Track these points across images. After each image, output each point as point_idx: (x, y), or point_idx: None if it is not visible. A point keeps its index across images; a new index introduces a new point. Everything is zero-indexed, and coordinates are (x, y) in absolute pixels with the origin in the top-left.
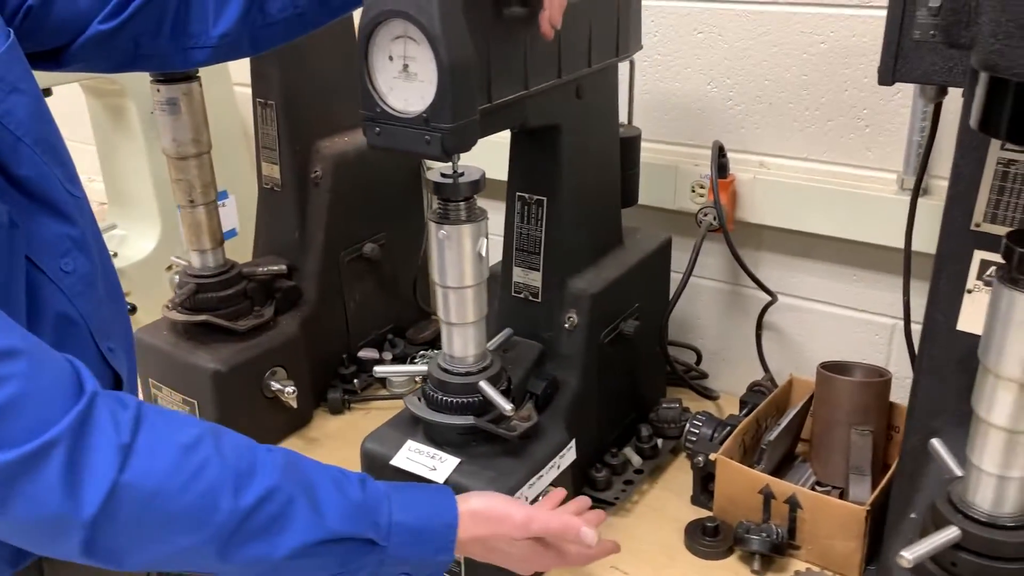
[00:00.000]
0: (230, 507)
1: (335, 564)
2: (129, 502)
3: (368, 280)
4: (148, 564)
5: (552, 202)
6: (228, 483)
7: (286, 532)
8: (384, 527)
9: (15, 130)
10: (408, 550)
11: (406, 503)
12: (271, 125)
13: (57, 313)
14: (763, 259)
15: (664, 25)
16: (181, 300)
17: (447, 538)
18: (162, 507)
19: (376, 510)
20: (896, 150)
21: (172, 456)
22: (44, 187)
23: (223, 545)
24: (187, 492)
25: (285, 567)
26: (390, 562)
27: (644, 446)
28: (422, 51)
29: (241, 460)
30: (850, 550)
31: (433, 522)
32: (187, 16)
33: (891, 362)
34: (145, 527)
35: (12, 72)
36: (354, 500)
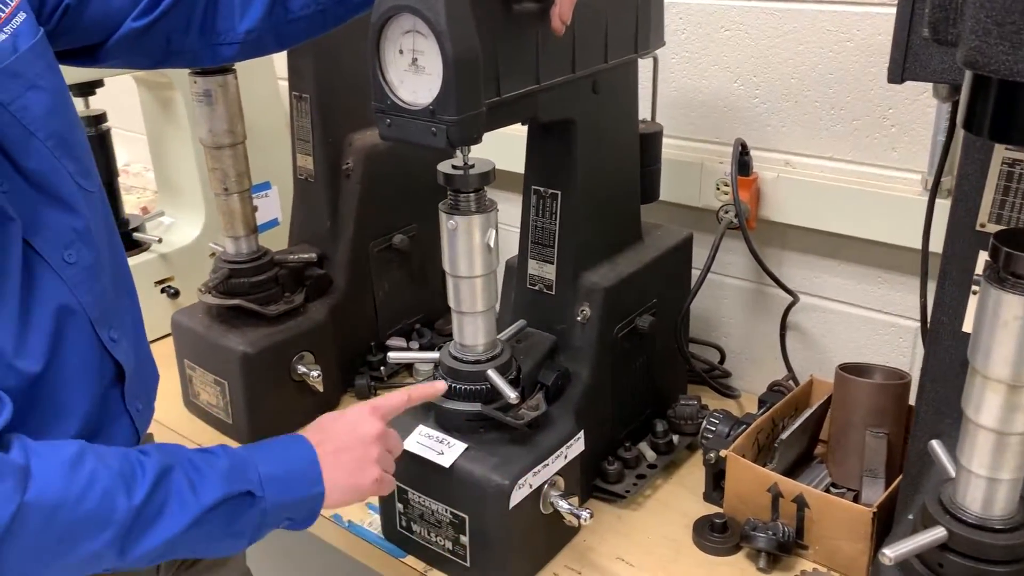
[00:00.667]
0: (126, 505)
1: (223, 526)
2: (34, 520)
3: (397, 270)
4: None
5: (567, 196)
6: (120, 485)
7: (175, 513)
8: (256, 480)
9: (28, 125)
10: (284, 494)
11: (267, 456)
12: (305, 118)
13: (58, 303)
14: (787, 258)
15: (691, 22)
16: (215, 284)
17: (313, 471)
18: (65, 518)
19: (244, 468)
20: (921, 150)
21: (63, 472)
22: (52, 180)
23: (123, 542)
24: (85, 500)
25: (180, 544)
26: (271, 511)
27: (659, 441)
28: (429, 45)
29: (124, 463)
30: (857, 552)
31: (297, 463)
32: (215, 13)
33: (915, 365)
34: (51, 541)
35: (32, 69)
36: (224, 466)
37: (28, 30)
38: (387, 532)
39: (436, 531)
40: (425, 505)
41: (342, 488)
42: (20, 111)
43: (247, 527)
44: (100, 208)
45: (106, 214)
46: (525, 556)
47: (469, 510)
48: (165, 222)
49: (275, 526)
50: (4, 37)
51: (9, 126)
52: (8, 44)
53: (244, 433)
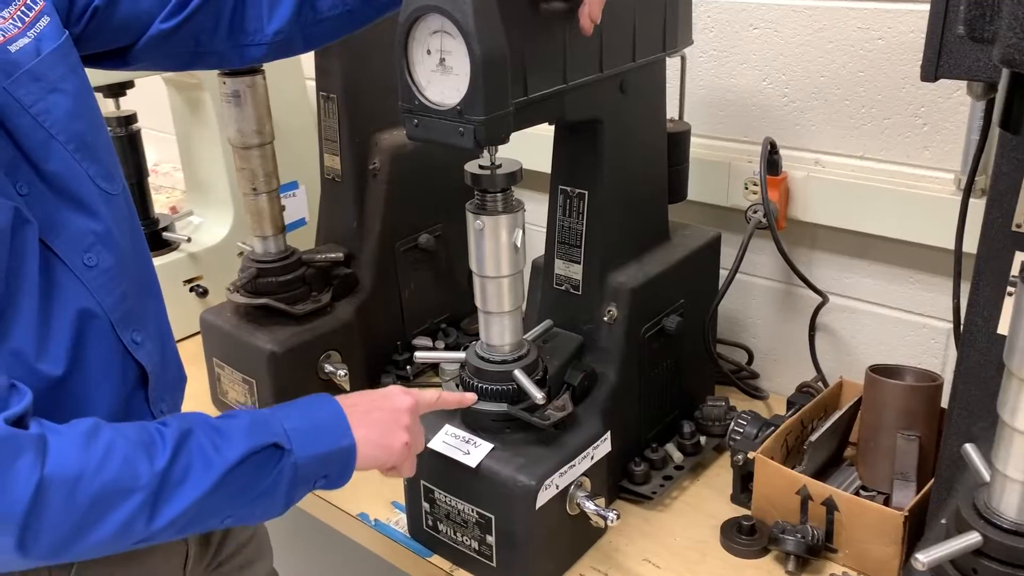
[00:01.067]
0: (149, 471)
1: (253, 483)
2: (57, 493)
3: (423, 270)
4: (90, 551)
5: (593, 195)
6: (139, 452)
7: (200, 473)
8: (281, 433)
9: (49, 128)
10: (313, 447)
11: (290, 412)
12: (333, 118)
13: (79, 306)
14: (817, 258)
15: (719, 21)
16: (243, 283)
17: (341, 424)
18: (87, 489)
19: (268, 423)
20: (954, 149)
21: (80, 444)
22: (72, 183)
23: (151, 508)
24: (106, 469)
25: (210, 507)
26: (303, 464)
27: (686, 443)
28: (457, 45)
29: (142, 433)
30: (888, 556)
31: (322, 417)
32: (243, 14)
33: (947, 367)
34: (78, 513)
35: (55, 71)
36: (245, 423)
37: (52, 33)
38: (413, 531)
39: (462, 531)
40: (451, 505)
41: (373, 443)
42: (41, 114)
43: (279, 483)
44: (123, 210)
45: (130, 216)
46: (551, 557)
47: (495, 510)
48: (194, 222)
49: (311, 484)
50: (28, 41)
51: (30, 129)
52: (31, 47)
53: None
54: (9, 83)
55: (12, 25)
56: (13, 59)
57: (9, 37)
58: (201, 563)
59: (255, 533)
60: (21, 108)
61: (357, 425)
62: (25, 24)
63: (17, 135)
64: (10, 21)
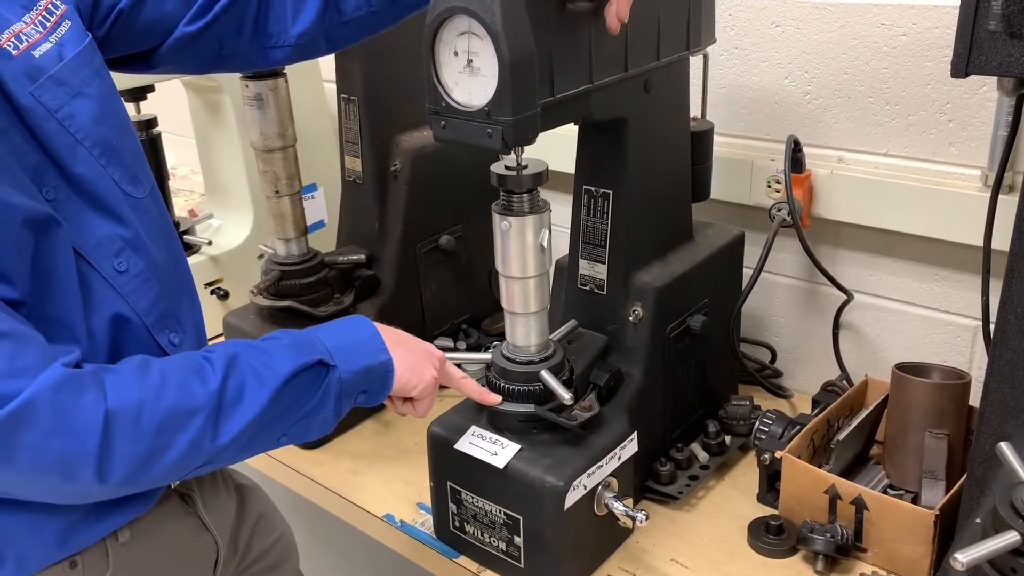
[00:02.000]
0: (204, 392)
1: (305, 398)
2: (123, 422)
3: (444, 271)
4: (163, 475)
5: (618, 195)
6: (192, 377)
7: (255, 390)
8: (324, 350)
9: (75, 133)
10: (354, 361)
11: (329, 332)
12: (353, 120)
13: (113, 312)
14: (840, 256)
15: (741, 19)
16: (266, 286)
17: (377, 341)
18: (151, 415)
19: (311, 342)
20: (980, 146)
21: (136, 378)
22: (98, 188)
23: (215, 425)
24: (164, 396)
25: (268, 423)
26: (347, 379)
27: (711, 442)
28: (485, 46)
29: (188, 360)
30: (918, 555)
31: (359, 335)
32: (267, 17)
33: (973, 365)
34: (145, 439)
35: (79, 76)
36: (288, 343)
37: (74, 37)
38: (440, 532)
39: (490, 532)
40: (478, 506)
41: (407, 365)
42: (66, 119)
43: (328, 398)
44: (152, 212)
45: (159, 217)
46: (579, 557)
47: (523, 511)
48: (214, 224)
49: (354, 399)
50: (50, 46)
51: (57, 134)
52: (54, 52)
53: None
54: (35, 88)
55: (34, 30)
56: (37, 64)
57: (32, 42)
58: (230, 565)
59: (281, 535)
60: (47, 113)
61: (392, 346)
62: (47, 28)
63: (44, 140)
64: (32, 26)
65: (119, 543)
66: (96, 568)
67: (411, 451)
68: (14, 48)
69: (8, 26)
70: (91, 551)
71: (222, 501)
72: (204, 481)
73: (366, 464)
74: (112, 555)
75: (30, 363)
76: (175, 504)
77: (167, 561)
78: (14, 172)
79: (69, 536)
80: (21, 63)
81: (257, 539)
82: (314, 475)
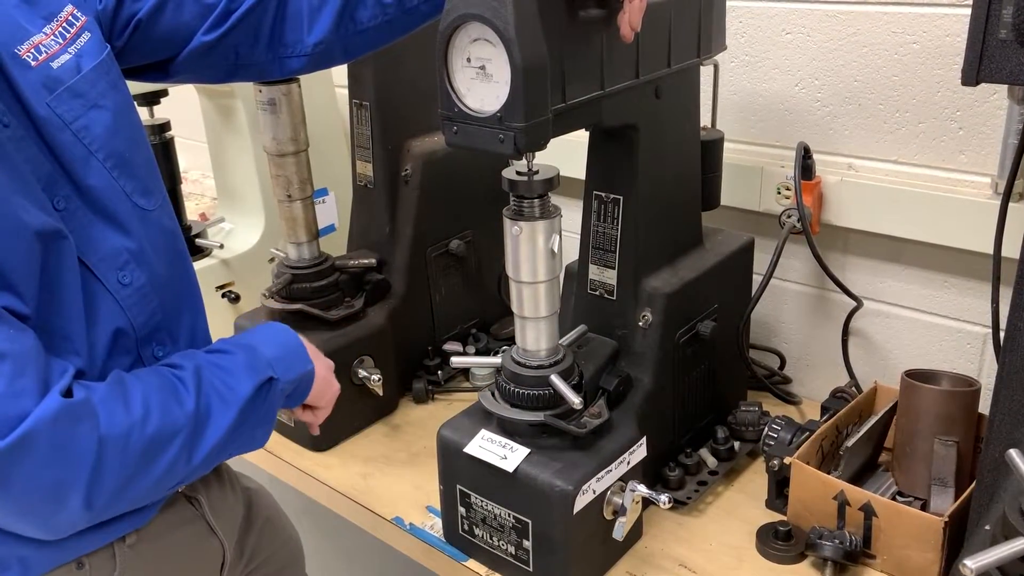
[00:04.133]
0: (183, 414)
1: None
2: (113, 449)
3: (454, 275)
4: (140, 498)
5: (628, 201)
6: (170, 399)
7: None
8: (269, 364)
9: (89, 144)
10: (289, 372)
11: (264, 341)
12: (365, 125)
13: (114, 324)
14: (850, 263)
15: (751, 26)
16: (277, 289)
17: (303, 351)
18: (138, 439)
19: (257, 357)
20: (991, 153)
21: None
22: (109, 198)
23: (191, 446)
24: (149, 421)
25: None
26: (283, 387)
27: (720, 448)
28: (497, 53)
29: (162, 379)
30: (927, 562)
31: (290, 343)
32: (283, 26)
33: (983, 372)
34: (131, 464)
35: (95, 88)
36: (242, 361)
37: (93, 49)
38: (449, 535)
39: (499, 535)
40: (488, 509)
41: (321, 378)
42: (81, 130)
43: (273, 408)
44: (161, 224)
45: (168, 230)
46: (588, 561)
47: (533, 515)
48: (225, 228)
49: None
50: (69, 57)
51: (71, 145)
52: (72, 63)
53: (306, 437)
54: (51, 99)
55: (54, 41)
56: (55, 75)
57: (51, 54)
58: (237, 568)
59: (288, 538)
60: (62, 124)
61: (313, 356)
62: (66, 40)
63: (58, 150)
64: (51, 37)
65: (126, 545)
66: (103, 570)
67: (420, 454)
68: (33, 59)
69: (28, 37)
70: (98, 553)
71: (229, 505)
72: (211, 485)
73: (376, 467)
74: (119, 557)
75: (28, 385)
76: (182, 507)
77: (173, 564)
78: (29, 183)
79: (73, 545)
80: (39, 74)
81: (264, 542)
82: (324, 478)
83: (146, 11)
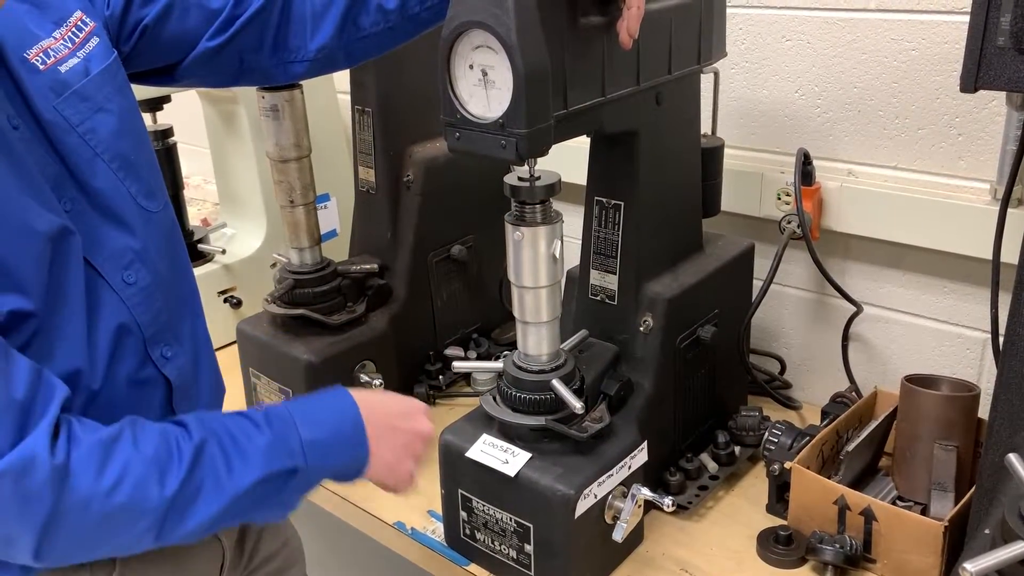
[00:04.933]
0: (158, 496)
1: (267, 498)
2: (71, 513)
3: (455, 281)
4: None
5: (629, 207)
6: (152, 474)
7: (213, 494)
8: (299, 450)
9: (95, 147)
10: (328, 459)
11: (310, 419)
12: (367, 131)
13: (117, 323)
14: (850, 269)
15: (752, 33)
16: (280, 294)
17: (358, 435)
18: (99, 510)
19: (287, 439)
20: (990, 159)
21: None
22: (114, 201)
23: (161, 526)
24: (117, 493)
25: (221, 521)
26: (315, 473)
27: (721, 452)
28: (500, 60)
29: (159, 449)
30: (928, 566)
31: (343, 428)
32: (287, 32)
33: (982, 377)
34: (87, 530)
35: (101, 92)
36: (265, 442)
37: (101, 53)
38: (450, 540)
39: (500, 539)
40: (489, 513)
41: (384, 464)
42: (88, 133)
43: (292, 494)
44: (165, 226)
45: (170, 232)
46: (589, 566)
47: (534, 519)
48: (227, 233)
49: (314, 487)
50: (77, 61)
51: (77, 147)
52: (80, 67)
53: None
54: (59, 102)
55: (63, 45)
56: (63, 79)
57: (60, 58)
58: (236, 569)
59: (288, 540)
60: (69, 127)
61: (375, 441)
62: (75, 44)
63: (64, 152)
64: (61, 42)
65: None
66: (103, 571)
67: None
68: (41, 63)
69: (37, 42)
70: None
71: None
72: None
73: None
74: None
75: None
76: None
77: (173, 564)
78: (38, 183)
79: None
80: (47, 78)
81: (263, 544)
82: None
83: (152, 17)
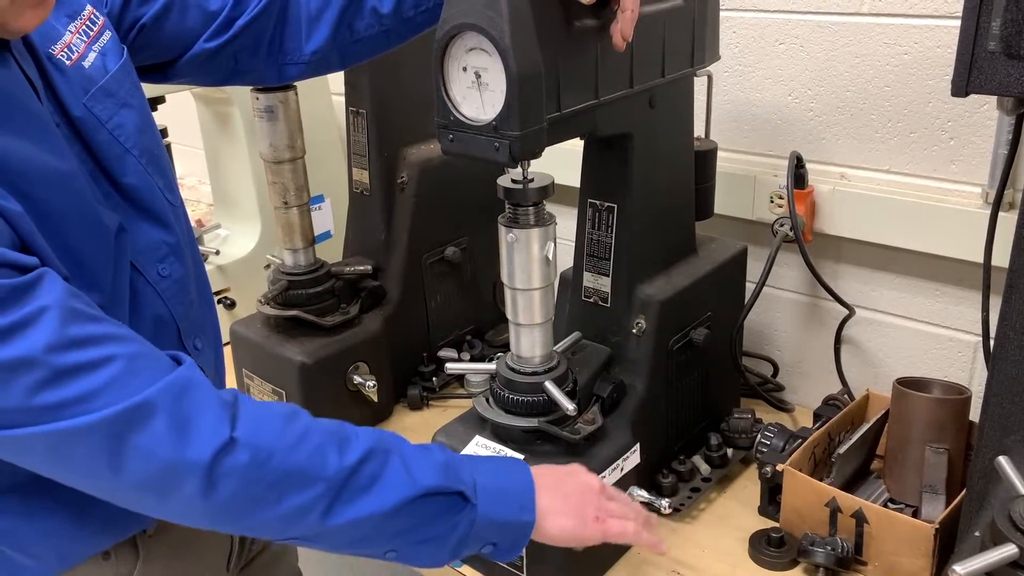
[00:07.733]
0: (337, 464)
1: (430, 521)
2: (245, 458)
3: (449, 282)
4: (258, 526)
5: (623, 209)
6: (332, 444)
7: (386, 488)
8: (470, 484)
9: (124, 142)
10: (495, 508)
11: (485, 468)
12: (362, 132)
13: (154, 315)
14: (842, 271)
15: (745, 36)
16: (273, 295)
17: (527, 496)
18: (277, 465)
19: (460, 469)
20: (981, 163)
21: (276, 423)
22: (146, 195)
23: (331, 502)
24: (297, 451)
25: (384, 528)
26: (480, 522)
27: (713, 455)
28: (493, 62)
29: (338, 427)
30: (918, 568)
31: (512, 483)
32: (283, 35)
33: (974, 380)
34: (261, 485)
35: (123, 88)
36: (440, 460)
37: (114, 48)
38: None
39: None
40: None
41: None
42: (116, 129)
43: (452, 533)
44: (184, 222)
45: (188, 228)
46: (581, 568)
47: None
48: (221, 234)
49: (478, 545)
50: (95, 56)
51: (108, 144)
52: (99, 63)
53: None
54: (87, 99)
55: (79, 40)
56: (88, 75)
57: (80, 53)
58: (240, 561)
59: None
60: (99, 123)
61: (543, 498)
62: (90, 39)
63: (96, 150)
64: (77, 36)
65: (147, 535)
66: (127, 558)
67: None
68: (67, 59)
69: (60, 37)
70: (123, 544)
71: None
72: None
73: None
74: (141, 546)
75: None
76: None
77: (190, 552)
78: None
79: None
80: (75, 74)
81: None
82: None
83: (150, 16)
